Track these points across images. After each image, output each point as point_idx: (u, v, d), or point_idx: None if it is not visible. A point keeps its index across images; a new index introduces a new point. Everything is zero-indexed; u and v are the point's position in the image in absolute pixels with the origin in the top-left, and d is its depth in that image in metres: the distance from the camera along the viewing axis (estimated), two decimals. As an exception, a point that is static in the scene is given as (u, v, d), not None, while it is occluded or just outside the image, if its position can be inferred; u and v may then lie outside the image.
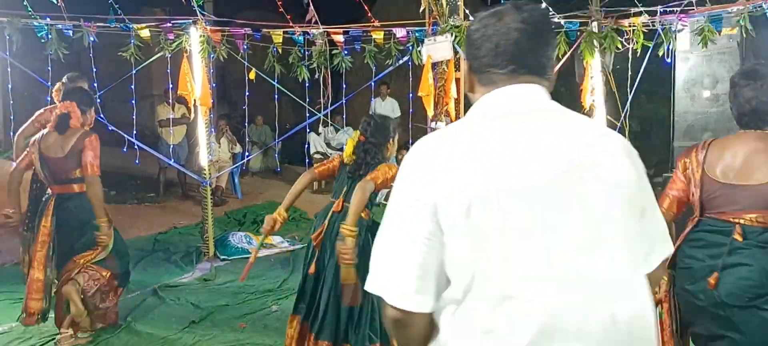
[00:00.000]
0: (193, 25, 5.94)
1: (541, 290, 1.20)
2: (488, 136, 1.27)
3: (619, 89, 5.69)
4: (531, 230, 1.22)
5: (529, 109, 1.31)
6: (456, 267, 1.24)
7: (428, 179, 1.25)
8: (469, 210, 1.21)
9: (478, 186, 1.22)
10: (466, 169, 1.23)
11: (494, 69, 1.33)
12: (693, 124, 5.67)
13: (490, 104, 1.34)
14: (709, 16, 5.05)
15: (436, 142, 1.32)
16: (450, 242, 1.24)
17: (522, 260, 1.21)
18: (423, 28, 5.67)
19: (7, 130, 7.91)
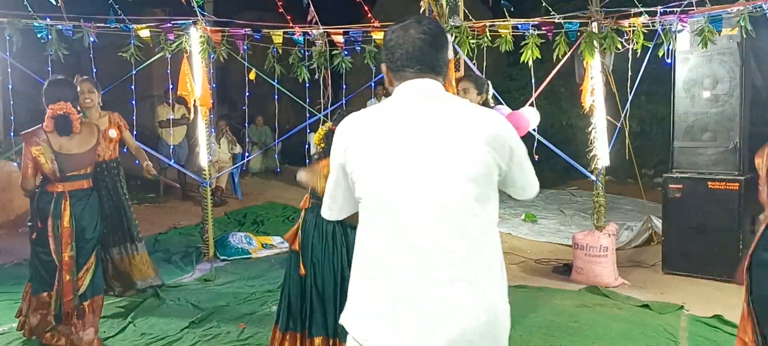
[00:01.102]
0: (193, 26, 5.94)
1: (386, 240, 1.70)
2: (388, 119, 1.75)
3: (619, 90, 5.70)
4: (405, 188, 1.67)
5: (429, 96, 1.75)
6: (361, 207, 1.76)
7: (340, 143, 1.78)
8: (363, 173, 1.72)
9: (372, 152, 1.71)
10: (366, 140, 1.73)
11: (406, 69, 1.77)
12: (693, 124, 5.66)
13: (399, 96, 1.78)
14: (709, 16, 5.05)
15: (354, 117, 1.82)
16: (357, 188, 1.75)
17: (402, 197, 1.67)
18: (423, 29, 5.66)
19: (7, 131, 7.91)
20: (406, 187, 1.66)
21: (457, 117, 1.70)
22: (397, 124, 1.71)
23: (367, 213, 1.75)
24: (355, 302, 1.77)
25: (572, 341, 4.16)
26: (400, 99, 1.76)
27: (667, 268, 5.73)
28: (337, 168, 1.81)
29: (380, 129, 1.72)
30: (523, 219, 8.32)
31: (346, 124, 1.80)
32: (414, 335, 1.62)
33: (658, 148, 10.87)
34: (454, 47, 5.34)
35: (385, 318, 1.67)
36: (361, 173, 1.72)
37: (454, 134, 1.67)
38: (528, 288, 5.39)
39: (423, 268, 1.64)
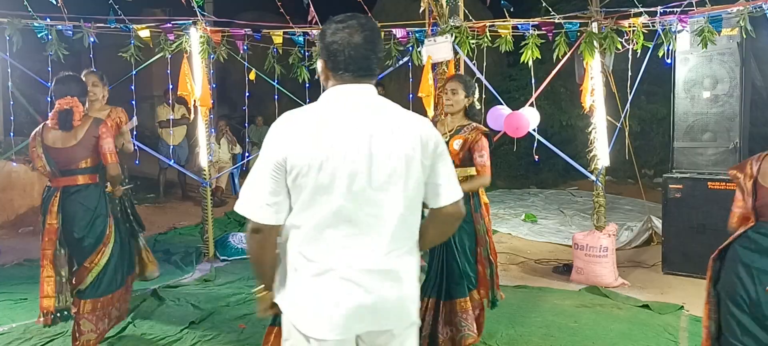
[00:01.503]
0: (193, 26, 5.94)
1: (337, 229, 1.84)
2: (333, 117, 1.85)
3: (619, 90, 5.70)
4: (351, 183, 1.81)
5: (364, 103, 1.89)
6: (303, 202, 1.83)
7: (281, 139, 1.84)
8: (312, 167, 1.79)
9: (322, 150, 1.79)
10: (311, 136, 1.81)
11: (345, 71, 1.88)
12: (693, 125, 5.66)
13: (340, 95, 1.89)
14: (709, 16, 5.05)
15: (293, 114, 1.89)
16: (296, 183, 1.82)
17: (342, 205, 1.82)
18: (423, 29, 5.67)
19: (7, 132, 7.91)
20: (351, 190, 1.82)
21: (394, 125, 1.88)
22: (343, 130, 1.83)
23: (306, 208, 1.84)
24: (296, 290, 1.88)
25: (572, 341, 4.16)
26: (341, 103, 1.87)
27: (667, 268, 5.73)
28: (276, 166, 1.83)
29: (328, 133, 1.82)
30: (523, 219, 8.32)
31: (289, 125, 1.86)
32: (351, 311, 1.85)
33: (658, 149, 10.87)
34: (454, 47, 5.35)
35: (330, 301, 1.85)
36: (309, 174, 1.80)
37: (393, 142, 1.85)
38: (528, 288, 5.40)
39: (363, 253, 1.86)
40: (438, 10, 5.39)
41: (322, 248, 1.84)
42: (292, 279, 1.89)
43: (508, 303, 4.92)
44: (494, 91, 5.42)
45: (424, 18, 5.63)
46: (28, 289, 5.02)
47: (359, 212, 1.83)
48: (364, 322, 1.87)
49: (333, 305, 1.83)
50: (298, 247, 1.86)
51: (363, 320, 1.87)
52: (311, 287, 1.85)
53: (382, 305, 1.87)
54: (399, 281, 1.89)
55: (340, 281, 1.83)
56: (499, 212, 8.76)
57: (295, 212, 1.86)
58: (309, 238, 1.85)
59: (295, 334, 1.89)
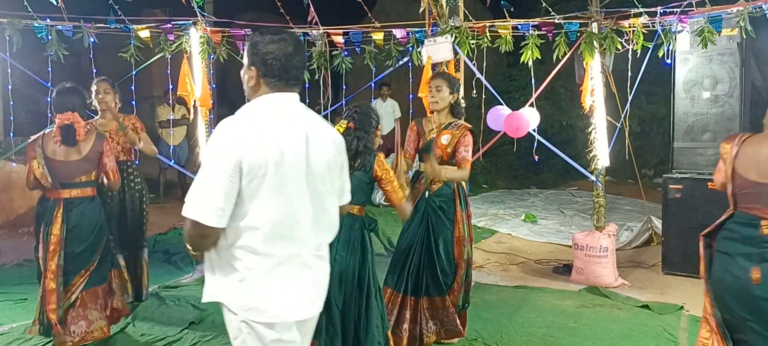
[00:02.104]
0: (193, 26, 5.94)
1: (291, 223, 2.03)
2: (275, 122, 2.02)
3: (619, 90, 5.70)
4: (296, 182, 2.02)
5: (296, 110, 2.11)
6: (248, 200, 1.95)
7: (236, 144, 1.93)
8: (268, 168, 1.94)
9: (268, 152, 1.94)
10: (262, 140, 1.95)
11: (279, 80, 2.06)
12: (693, 125, 5.66)
13: (275, 101, 2.07)
14: (709, 17, 5.05)
15: (238, 121, 2.01)
16: (251, 185, 1.94)
17: (293, 203, 2.02)
18: (423, 29, 5.67)
19: (6, 132, 7.91)
20: (298, 188, 2.03)
21: (319, 131, 2.12)
22: (286, 134, 2.02)
23: (263, 209, 1.98)
24: (251, 287, 2.00)
25: (572, 341, 4.16)
26: (278, 109, 2.06)
27: (667, 268, 5.73)
28: (232, 170, 1.91)
29: (274, 137, 1.98)
30: (523, 219, 8.32)
31: (239, 129, 1.98)
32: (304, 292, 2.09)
33: (658, 149, 10.87)
34: (454, 48, 5.35)
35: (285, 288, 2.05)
36: (266, 175, 1.95)
37: (321, 145, 2.10)
38: (528, 288, 5.40)
39: (305, 244, 2.09)
40: (438, 11, 5.39)
41: (279, 242, 2.01)
42: (246, 278, 2.00)
43: (508, 303, 4.92)
44: (494, 92, 5.42)
45: (424, 18, 5.63)
46: (28, 289, 5.02)
47: (303, 207, 2.05)
48: (314, 303, 2.14)
49: (298, 287, 2.06)
50: (254, 246, 1.98)
51: (319, 298, 2.16)
52: (272, 278, 2.01)
53: (324, 286, 2.19)
54: (327, 267, 2.21)
55: (300, 267, 2.06)
56: (499, 212, 8.76)
57: (251, 213, 1.97)
58: (267, 236, 1.98)
59: (249, 330, 2.01)
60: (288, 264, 2.03)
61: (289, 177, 1.99)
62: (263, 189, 1.95)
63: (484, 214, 8.65)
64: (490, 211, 8.89)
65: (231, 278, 2.01)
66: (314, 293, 2.13)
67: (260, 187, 1.95)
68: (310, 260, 2.10)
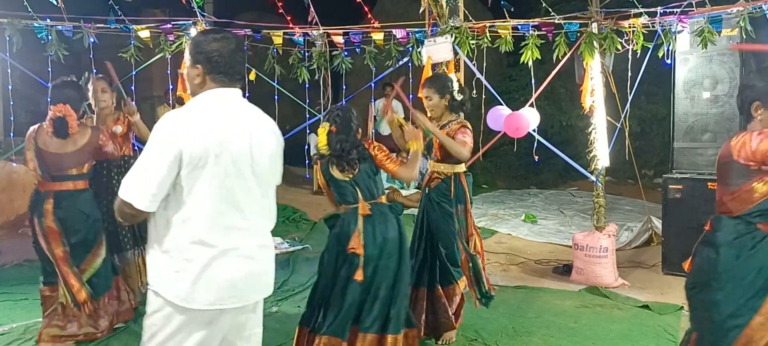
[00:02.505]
0: (193, 26, 5.94)
1: (233, 215, 2.13)
2: (219, 115, 2.13)
3: (619, 90, 5.70)
4: (238, 173, 2.12)
5: (239, 104, 2.23)
6: (188, 191, 2.06)
7: (179, 135, 2.03)
8: (209, 158, 2.05)
9: (209, 149, 2.05)
10: (205, 132, 2.06)
11: (223, 75, 2.19)
12: (693, 125, 5.66)
13: (219, 96, 2.18)
14: (709, 17, 5.05)
15: (183, 113, 2.13)
16: (191, 176, 2.05)
17: (235, 193, 2.13)
18: (423, 30, 5.68)
19: (6, 132, 7.91)
20: (240, 179, 2.13)
21: (261, 123, 2.26)
22: (229, 127, 2.13)
23: (204, 198, 2.08)
24: (189, 276, 2.09)
25: (572, 341, 4.16)
26: (222, 103, 2.17)
27: (667, 268, 5.73)
28: (172, 159, 2.02)
29: (218, 129, 2.09)
30: (522, 220, 8.32)
31: (182, 121, 2.09)
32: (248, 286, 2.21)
33: (658, 149, 10.87)
34: (454, 48, 5.35)
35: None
36: (206, 166, 2.06)
37: (263, 137, 2.24)
38: (528, 289, 5.40)
39: (255, 233, 2.22)
40: (438, 11, 5.39)
41: (220, 233, 2.11)
42: (182, 270, 2.09)
43: (508, 303, 4.92)
44: (494, 92, 5.42)
45: (424, 18, 5.63)
46: (28, 289, 5.02)
47: (246, 197, 2.16)
48: (256, 290, 2.25)
49: (234, 277, 2.14)
50: (195, 236, 2.08)
51: (255, 288, 2.25)
52: (209, 270, 2.09)
53: (266, 275, 2.29)
54: (271, 257, 2.32)
55: (238, 258, 2.14)
56: (499, 213, 8.77)
57: (192, 204, 2.07)
58: (208, 225, 2.09)
59: (179, 317, 2.10)
60: (228, 255, 2.12)
61: (231, 169, 2.10)
62: (203, 180, 2.06)
63: (484, 214, 8.65)
64: (490, 211, 8.89)
65: (168, 268, 2.10)
66: (251, 283, 2.21)
67: (200, 178, 2.06)
68: (253, 250, 2.19)
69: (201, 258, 2.08)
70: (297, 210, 8.73)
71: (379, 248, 3.24)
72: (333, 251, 3.32)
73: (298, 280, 5.59)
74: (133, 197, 2.05)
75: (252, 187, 2.18)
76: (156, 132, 2.08)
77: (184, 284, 2.08)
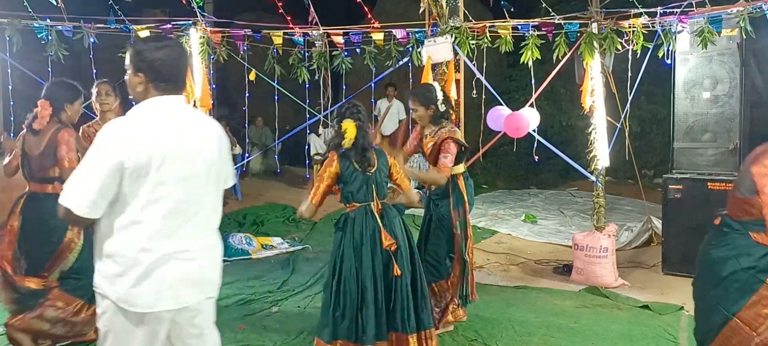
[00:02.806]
0: (193, 27, 5.94)
1: (177, 221, 2.17)
2: (162, 123, 2.17)
3: (619, 90, 5.70)
4: (181, 179, 2.16)
5: (183, 111, 2.27)
6: (132, 197, 2.09)
7: (121, 144, 2.06)
8: (152, 166, 2.08)
9: (152, 152, 2.08)
10: (147, 141, 2.09)
11: (166, 84, 2.21)
12: (693, 125, 5.66)
13: (163, 104, 2.21)
14: (709, 17, 5.05)
15: (126, 122, 2.15)
16: (134, 183, 2.07)
17: (179, 199, 2.16)
18: (423, 30, 5.68)
19: (6, 132, 7.90)
20: (184, 185, 2.17)
21: (205, 129, 2.31)
22: (173, 134, 2.17)
23: (148, 204, 2.11)
24: (133, 280, 2.12)
25: (572, 341, 4.16)
26: (165, 111, 2.20)
27: (667, 269, 5.73)
28: (112, 168, 2.05)
29: (161, 137, 2.13)
30: (523, 220, 8.32)
31: (125, 129, 2.12)
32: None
33: (658, 149, 10.87)
34: (454, 48, 5.35)
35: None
36: (148, 174, 2.09)
37: (207, 143, 2.28)
38: (528, 289, 5.40)
39: (200, 235, 2.26)
40: (438, 11, 5.39)
41: (164, 237, 2.14)
42: (124, 274, 2.12)
43: (508, 303, 4.92)
44: (494, 92, 5.42)
45: (424, 18, 5.63)
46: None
47: (190, 203, 2.20)
48: (200, 290, 2.27)
49: (180, 280, 2.17)
50: (140, 242, 2.11)
51: (201, 288, 2.27)
52: (153, 271, 2.12)
53: (210, 277, 2.32)
54: (216, 257, 2.35)
55: (181, 262, 2.17)
56: (499, 213, 8.76)
57: (135, 209, 2.10)
58: (151, 231, 2.12)
59: (116, 310, 2.15)
60: (171, 259, 2.15)
61: (174, 176, 2.14)
62: (146, 188, 2.10)
63: (484, 214, 8.65)
64: (490, 211, 8.89)
65: (111, 271, 2.14)
66: (194, 284, 2.24)
67: (143, 185, 2.09)
68: (196, 253, 2.23)
69: (143, 262, 2.11)
70: (297, 210, 8.73)
71: (401, 242, 3.34)
72: (356, 254, 3.29)
73: (298, 280, 5.59)
74: (71, 203, 2.06)
75: (196, 192, 2.22)
76: (99, 139, 2.10)
77: (126, 286, 2.11)
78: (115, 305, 2.14)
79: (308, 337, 4.19)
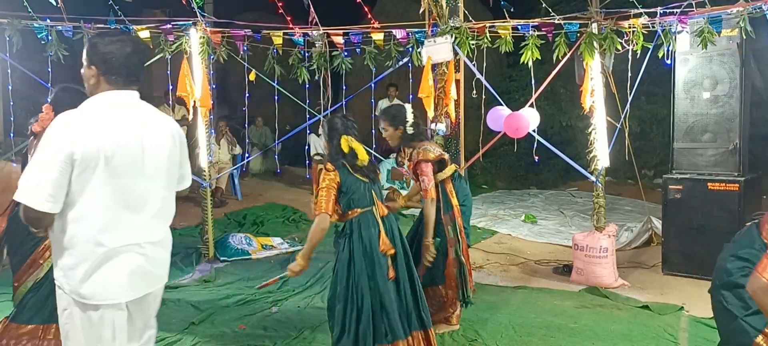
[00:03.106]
0: (193, 27, 5.94)
1: (126, 214, 2.22)
2: (113, 116, 2.20)
3: (619, 91, 5.70)
4: (131, 174, 2.20)
5: (136, 105, 2.31)
6: (82, 190, 2.12)
7: (70, 136, 2.08)
8: (100, 159, 2.11)
9: (101, 145, 2.11)
10: (96, 134, 2.12)
11: (119, 77, 2.25)
12: (693, 125, 5.66)
13: (115, 98, 2.25)
14: (709, 17, 5.05)
15: (75, 114, 2.18)
16: (82, 176, 2.10)
17: (128, 192, 2.21)
18: (423, 30, 5.67)
19: (6, 132, 7.90)
20: (133, 178, 2.21)
21: (158, 125, 2.35)
22: (123, 127, 2.21)
23: (96, 197, 2.15)
24: (86, 272, 2.17)
25: (572, 342, 4.16)
26: (117, 104, 2.24)
27: (667, 269, 5.73)
28: (63, 160, 2.07)
29: (111, 130, 2.17)
30: (522, 220, 8.32)
31: (75, 122, 2.14)
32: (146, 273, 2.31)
33: (658, 149, 10.87)
34: (454, 48, 5.35)
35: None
36: (97, 167, 2.12)
37: (159, 138, 2.32)
38: (528, 289, 5.40)
39: (151, 230, 2.31)
40: (438, 11, 5.39)
41: (113, 230, 2.18)
42: (76, 266, 2.16)
43: (508, 303, 4.92)
44: (494, 92, 5.42)
45: (424, 19, 5.63)
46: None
47: (140, 197, 2.24)
48: (147, 283, 2.32)
49: (128, 273, 2.22)
50: (90, 235, 2.15)
51: (148, 281, 2.32)
52: (102, 267, 2.17)
53: (158, 268, 2.36)
54: (166, 249, 2.41)
55: (131, 255, 2.22)
56: (499, 213, 8.76)
57: (84, 204, 2.13)
58: (100, 224, 2.15)
59: (75, 305, 2.20)
60: (121, 253, 2.20)
61: (124, 169, 2.18)
62: (95, 181, 2.12)
63: (484, 214, 8.65)
64: (490, 211, 8.89)
65: (65, 264, 2.19)
66: (143, 278, 2.29)
67: (92, 178, 2.12)
68: (146, 248, 2.28)
69: (94, 255, 2.16)
70: (297, 211, 8.74)
71: (398, 246, 3.39)
72: (367, 258, 3.29)
73: (298, 280, 5.58)
74: (28, 198, 2.07)
75: (146, 187, 2.26)
76: (49, 133, 2.12)
77: (78, 279, 2.16)
78: (71, 298, 2.19)
79: (308, 337, 4.19)
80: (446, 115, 5.44)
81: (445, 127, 5.37)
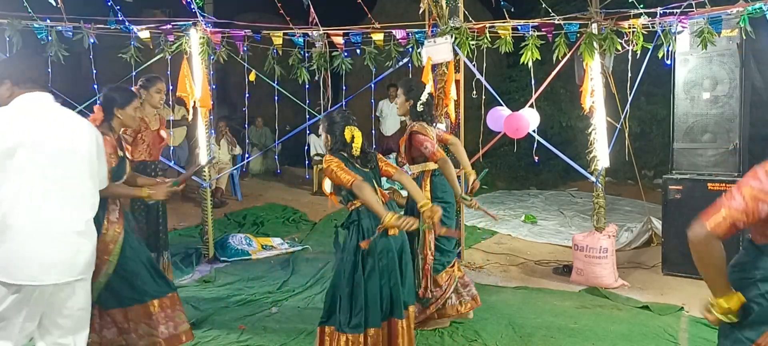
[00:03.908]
0: (192, 27, 5.94)
1: (45, 205, 2.51)
2: (29, 114, 2.55)
3: (619, 91, 5.70)
4: (45, 170, 2.51)
5: (50, 106, 2.65)
6: (2, 180, 2.45)
7: (10, 130, 2.45)
8: (13, 155, 2.43)
9: (18, 141, 2.44)
10: (12, 131, 2.47)
11: (28, 83, 2.62)
12: (693, 125, 5.66)
13: (31, 99, 2.60)
14: (709, 17, 5.05)
15: (12, 114, 2.53)
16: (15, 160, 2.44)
17: (39, 187, 2.50)
18: (423, 30, 5.68)
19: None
20: (48, 171, 2.51)
21: (74, 124, 2.68)
22: (38, 124, 2.54)
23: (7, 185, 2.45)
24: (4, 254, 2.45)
25: (572, 342, 4.16)
26: (33, 105, 2.59)
27: (667, 269, 5.73)
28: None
29: (25, 126, 2.50)
30: (522, 220, 8.32)
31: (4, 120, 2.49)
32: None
33: (658, 150, 10.88)
34: (454, 48, 5.35)
35: None
36: (11, 156, 2.44)
37: (76, 136, 2.64)
38: (528, 289, 5.40)
39: (69, 221, 2.58)
40: (438, 11, 5.39)
41: (29, 216, 2.45)
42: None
43: (508, 304, 4.92)
44: (494, 92, 5.42)
45: (424, 19, 5.63)
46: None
47: (58, 187, 2.52)
48: (62, 271, 2.53)
49: (35, 257, 2.46)
50: (4, 219, 2.42)
51: (61, 269, 2.53)
52: (18, 247, 2.44)
53: (73, 259, 2.57)
54: (89, 240, 2.66)
55: (45, 241, 2.48)
56: (499, 213, 8.76)
57: (2, 190, 2.42)
58: (17, 211, 2.43)
59: (3, 288, 2.45)
60: (34, 238, 2.47)
61: (41, 162, 2.49)
62: (13, 170, 2.44)
63: (484, 214, 8.64)
64: (490, 211, 8.88)
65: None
66: (57, 264, 2.52)
67: (10, 168, 2.43)
68: (64, 236, 2.55)
69: (9, 239, 2.43)
70: (297, 211, 8.74)
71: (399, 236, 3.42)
72: (372, 244, 3.34)
73: (298, 280, 5.59)
74: None
75: (64, 179, 2.56)
76: None
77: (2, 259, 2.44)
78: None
79: (308, 337, 4.19)
80: (446, 115, 5.44)
81: (445, 128, 5.37)
